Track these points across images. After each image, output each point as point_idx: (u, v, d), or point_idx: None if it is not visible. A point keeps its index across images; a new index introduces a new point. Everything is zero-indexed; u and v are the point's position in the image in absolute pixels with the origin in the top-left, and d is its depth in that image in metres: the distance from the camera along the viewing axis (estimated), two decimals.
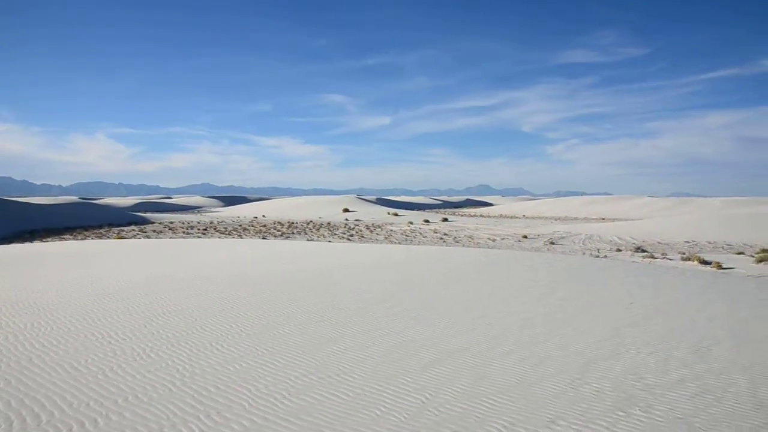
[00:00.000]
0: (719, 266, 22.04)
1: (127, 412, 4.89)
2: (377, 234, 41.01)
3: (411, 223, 55.56)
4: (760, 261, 22.96)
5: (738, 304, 9.58)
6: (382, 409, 4.95)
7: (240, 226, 50.87)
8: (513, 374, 5.79)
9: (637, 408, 4.82)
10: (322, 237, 38.24)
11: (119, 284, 11.28)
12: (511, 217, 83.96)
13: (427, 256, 17.19)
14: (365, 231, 43.90)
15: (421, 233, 41.99)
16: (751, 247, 31.67)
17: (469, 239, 37.11)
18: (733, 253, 27.72)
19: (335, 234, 40.83)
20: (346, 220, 61.31)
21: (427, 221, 58.03)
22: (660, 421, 4.54)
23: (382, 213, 71.69)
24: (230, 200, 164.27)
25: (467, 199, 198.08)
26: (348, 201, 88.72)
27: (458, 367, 6.07)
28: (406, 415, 4.79)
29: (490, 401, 5.06)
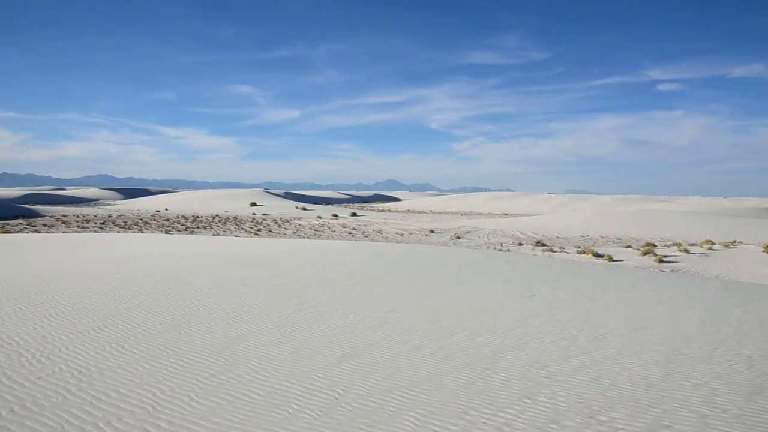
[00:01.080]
0: (610, 259, 23.51)
1: (14, 425, 4.53)
2: (285, 228, 40.49)
3: (320, 217, 55.29)
4: (645, 254, 24.70)
5: (628, 294, 10.25)
6: (294, 407, 4.88)
7: (141, 219, 48.61)
8: (424, 367, 5.88)
9: (542, 395, 5.04)
10: (228, 231, 37.25)
11: (2, 284, 10.44)
12: (419, 212, 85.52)
13: (335, 250, 17.15)
14: (273, 225, 43.21)
15: (329, 228, 41.90)
16: (637, 240, 34.00)
17: (378, 234, 37.45)
18: (622, 247, 29.66)
19: (242, 228, 39.91)
20: (254, 214, 60.09)
21: (335, 216, 57.95)
22: (563, 406, 4.77)
23: (290, 207, 70.86)
24: (130, 193, 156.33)
25: (376, 194, 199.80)
26: (256, 195, 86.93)
27: (370, 361, 6.09)
28: (319, 413, 4.75)
29: (403, 395, 5.11)
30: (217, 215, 57.12)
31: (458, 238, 34.89)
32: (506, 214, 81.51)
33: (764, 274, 20.46)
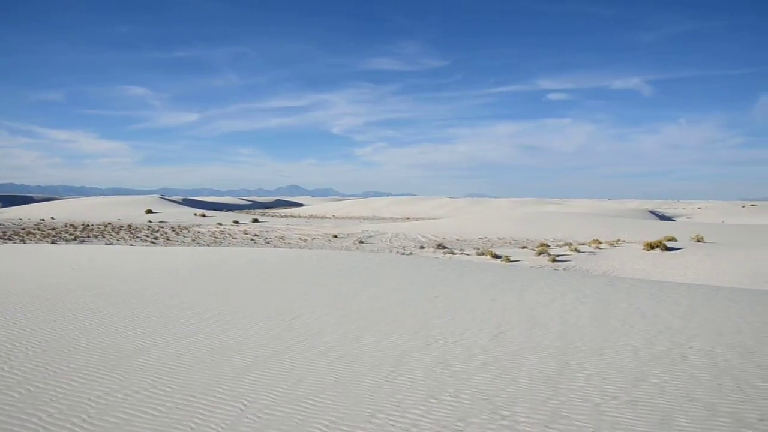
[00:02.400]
0: (508, 259, 24.48)
1: None
2: (184, 236, 38.98)
3: (220, 224, 53.70)
4: (539, 254, 25.93)
5: (525, 293, 10.71)
6: (197, 421, 4.68)
7: (23, 229, 45.04)
8: (331, 373, 5.84)
9: (447, 394, 5.14)
10: (122, 240, 35.33)
11: None
12: (322, 217, 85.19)
13: (237, 257, 16.72)
14: (171, 233, 41.47)
15: (230, 234, 40.79)
16: (532, 241, 35.65)
17: (281, 240, 36.92)
18: (519, 247, 30.98)
19: (137, 237, 37.98)
20: (150, 221, 57.39)
21: (236, 222, 56.51)
22: (467, 404, 4.89)
23: (188, 214, 68.27)
24: (10, 200, 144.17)
25: (278, 200, 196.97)
26: (151, 201, 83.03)
27: (276, 370, 5.97)
28: (223, 425, 4.59)
29: (310, 402, 5.05)
30: (109, 223, 54.02)
31: (361, 242, 35.09)
32: (408, 218, 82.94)
33: (644, 269, 22.06)
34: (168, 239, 37.03)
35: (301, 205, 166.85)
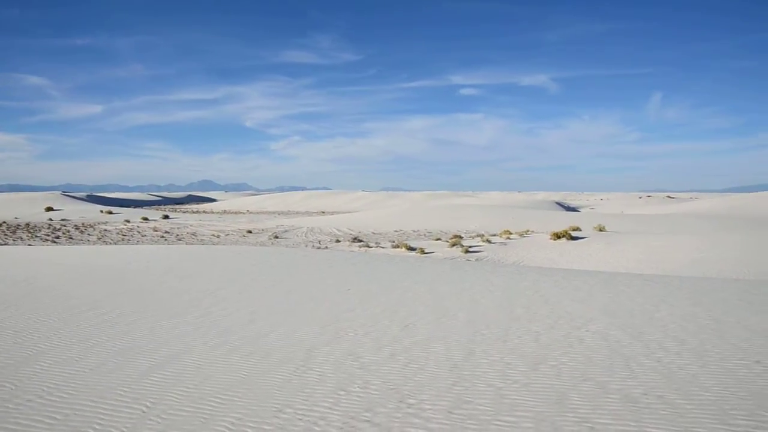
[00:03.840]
0: (422, 251, 24.93)
1: None
2: (89, 234, 37.02)
3: (128, 221, 51.40)
4: (453, 245, 26.57)
5: (436, 284, 10.96)
6: (97, 426, 4.48)
7: None
8: (239, 370, 5.75)
9: (356, 385, 5.19)
10: (19, 240, 33.11)
11: None
12: (236, 213, 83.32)
13: (145, 255, 16.09)
14: (74, 232, 39.25)
15: (139, 232, 39.13)
16: (446, 233, 36.46)
17: (193, 236, 35.83)
18: (433, 240, 31.60)
19: (37, 236, 35.70)
20: (50, 220, 54.07)
21: (145, 219, 54.26)
22: (375, 394, 4.95)
23: (94, 211, 64.85)
24: None
25: (189, 195, 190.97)
26: (52, 198, 78.21)
27: (181, 369, 5.81)
28: (124, 429, 4.42)
29: (217, 400, 4.95)
30: (4, 222, 50.44)
31: (276, 237, 34.65)
32: (323, 212, 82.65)
33: (552, 258, 23.10)
34: (71, 238, 35.07)
35: (214, 200, 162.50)
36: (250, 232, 38.50)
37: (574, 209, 79.12)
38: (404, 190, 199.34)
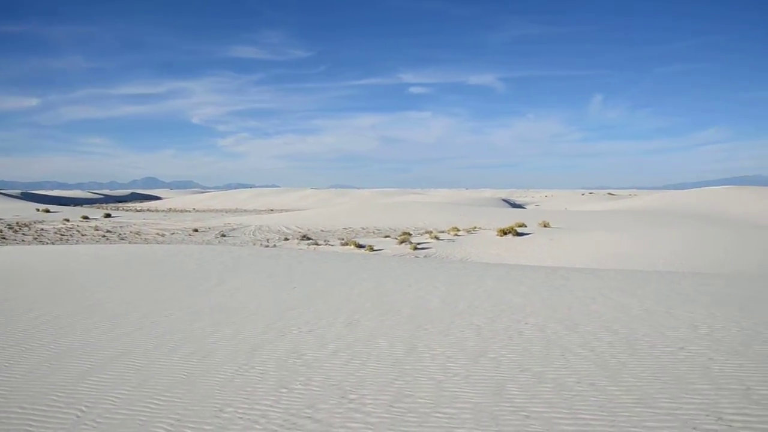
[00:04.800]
0: (371, 249, 25.01)
1: None
2: (24, 234, 35.54)
3: (67, 220, 49.59)
4: (401, 242, 26.76)
5: (382, 280, 11.05)
6: None
7: None
8: (180, 371, 5.67)
9: (298, 382, 5.20)
10: None
11: None
12: (182, 211, 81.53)
13: (85, 255, 15.59)
14: (7, 231, 37.62)
15: (79, 231, 37.82)
16: (395, 230, 36.67)
17: (136, 235, 34.88)
18: (382, 237, 31.74)
19: None
20: None
21: (86, 218, 52.45)
22: (317, 391, 4.98)
23: (29, 210, 62.26)
24: None
25: (133, 193, 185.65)
26: None
27: (120, 371, 5.69)
28: None
29: (156, 402, 4.88)
30: None
31: (223, 236, 34.11)
32: (272, 210, 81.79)
33: (498, 254, 23.55)
34: (4, 238, 33.60)
35: (158, 198, 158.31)
36: (196, 230, 37.76)
37: (520, 206, 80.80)
38: (354, 188, 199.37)
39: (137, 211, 79.71)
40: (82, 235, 35.11)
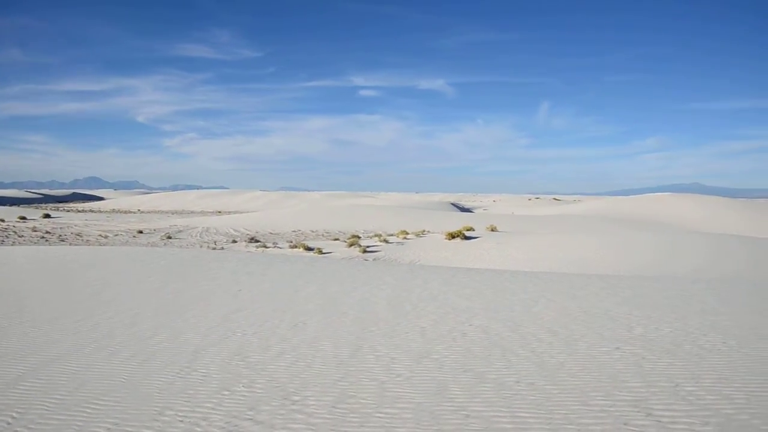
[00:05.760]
0: (320, 251, 24.91)
1: None
2: None
3: (2, 220, 47.51)
4: (351, 245, 26.76)
5: (329, 283, 11.03)
6: None
7: None
8: (119, 374, 5.53)
9: (241, 385, 5.15)
10: None
11: None
12: (126, 212, 79.24)
13: (21, 257, 14.97)
14: None
15: (16, 232, 36.27)
16: (344, 233, 36.63)
17: (77, 237, 33.71)
18: (331, 240, 31.66)
19: None
20: None
21: (23, 218, 50.37)
22: (260, 393, 4.94)
23: None
24: None
25: (74, 193, 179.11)
26: None
27: (55, 376, 5.51)
28: None
29: (93, 406, 4.74)
30: None
31: (169, 238, 33.34)
32: (220, 212, 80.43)
33: (446, 257, 23.83)
34: None
35: (101, 198, 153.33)
36: (141, 232, 36.78)
37: (468, 210, 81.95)
38: (303, 190, 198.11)
39: (79, 211, 77.06)
40: (19, 237, 33.70)
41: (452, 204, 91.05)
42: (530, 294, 9.70)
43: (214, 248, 26.47)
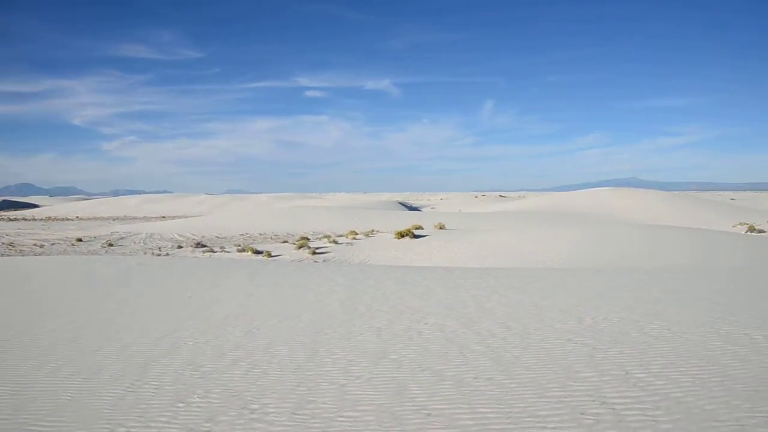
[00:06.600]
0: (269, 254, 24.59)
1: None
2: None
3: None
4: (300, 247, 26.52)
5: (280, 286, 10.88)
6: None
7: None
8: (64, 392, 5.28)
9: (196, 396, 5.00)
10: None
11: None
12: (63, 219, 76.19)
13: None
14: None
15: None
16: (293, 235, 36.30)
17: (10, 247, 32.18)
18: (280, 242, 31.32)
19: None
20: None
21: None
22: (217, 403, 4.81)
23: None
24: None
25: (5, 200, 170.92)
26: None
27: None
28: None
29: (37, 428, 4.50)
30: None
31: (111, 245, 32.25)
32: (164, 217, 78.37)
33: (396, 256, 23.91)
34: None
35: (36, 206, 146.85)
36: (80, 240, 35.42)
37: (416, 209, 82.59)
38: (250, 193, 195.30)
39: (10, 220, 73.58)
40: None
41: (400, 203, 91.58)
42: (482, 290, 9.82)
43: (160, 255, 25.76)
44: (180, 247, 30.37)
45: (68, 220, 76.86)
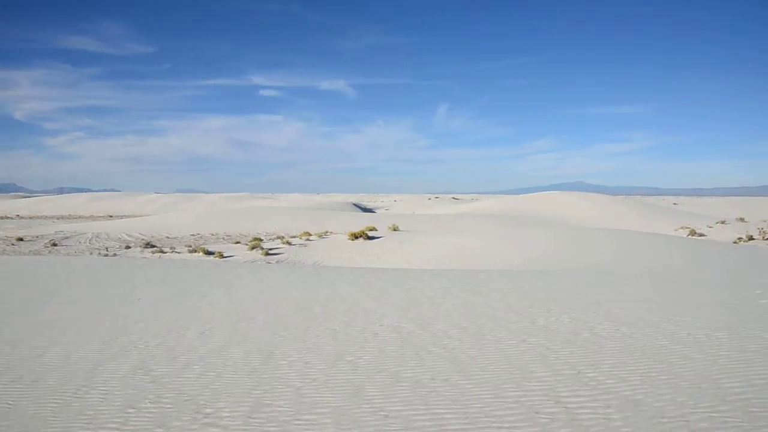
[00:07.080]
0: (221, 255, 24.16)
1: None
2: None
3: None
4: (252, 248, 26.15)
5: (234, 288, 10.71)
6: None
7: None
8: (3, 399, 5.04)
9: (147, 401, 4.86)
10: None
11: None
12: (3, 218, 73.10)
13: None
14: None
15: None
16: (245, 236, 35.77)
17: None
18: (232, 243, 30.81)
19: None
20: None
21: None
22: (169, 408, 4.68)
23: None
24: None
25: None
26: None
27: None
28: None
29: None
30: None
31: (55, 245, 31.10)
32: (111, 216, 76.08)
33: (350, 257, 23.86)
34: None
35: None
36: (21, 239, 34.03)
37: (370, 210, 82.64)
38: (202, 192, 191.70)
39: None
40: None
41: (354, 204, 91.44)
42: (436, 291, 9.89)
43: (107, 255, 24.99)
44: (128, 247, 29.53)
45: (8, 218, 73.73)
